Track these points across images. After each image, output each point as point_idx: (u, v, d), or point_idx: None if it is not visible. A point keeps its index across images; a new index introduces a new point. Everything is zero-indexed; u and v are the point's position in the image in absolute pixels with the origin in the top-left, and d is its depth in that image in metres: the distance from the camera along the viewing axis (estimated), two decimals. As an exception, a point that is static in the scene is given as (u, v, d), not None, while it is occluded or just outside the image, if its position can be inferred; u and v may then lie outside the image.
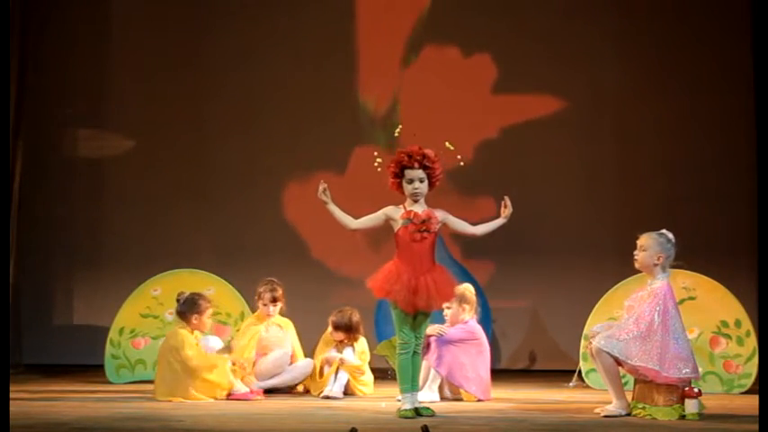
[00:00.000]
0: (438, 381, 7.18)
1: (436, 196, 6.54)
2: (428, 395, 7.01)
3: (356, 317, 7.57)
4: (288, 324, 7.76)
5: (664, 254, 6.35)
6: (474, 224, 6.54)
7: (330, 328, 7.58)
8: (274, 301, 7.64)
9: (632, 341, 6.22)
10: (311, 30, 9.69)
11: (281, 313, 7.72)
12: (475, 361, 7.21)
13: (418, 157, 6.37)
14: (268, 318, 7.68)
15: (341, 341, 7.55)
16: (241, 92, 9.70)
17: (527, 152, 9.57)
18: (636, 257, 6.40)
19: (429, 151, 6.39)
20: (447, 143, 6.47)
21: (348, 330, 7.54)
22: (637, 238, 6.42)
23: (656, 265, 6.35)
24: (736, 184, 9.19)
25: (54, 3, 9.71)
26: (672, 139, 9.45)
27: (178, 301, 7.34)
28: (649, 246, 6.36)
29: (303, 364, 7.60)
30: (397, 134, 6.50)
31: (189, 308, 7.26)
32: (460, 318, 7.27)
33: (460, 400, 7.16)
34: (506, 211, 6.48)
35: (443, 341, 7.16)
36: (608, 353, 6.25)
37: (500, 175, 9.18)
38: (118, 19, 9.79)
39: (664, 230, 6.45)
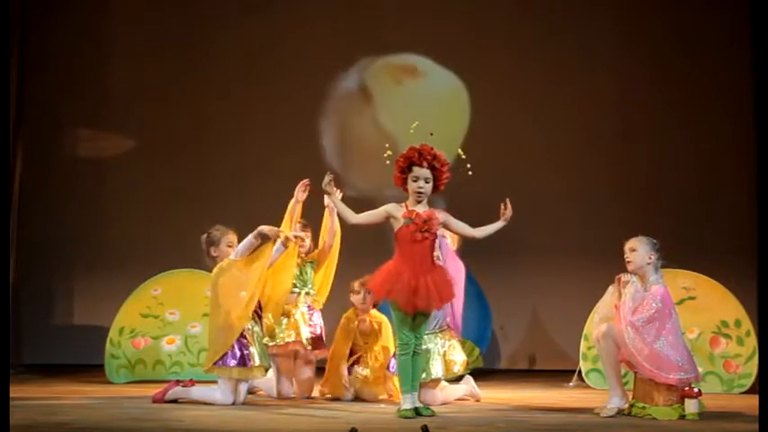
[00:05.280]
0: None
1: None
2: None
3: None
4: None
5: (653, 253, 6.38)
6: (473, 227, 6.54)
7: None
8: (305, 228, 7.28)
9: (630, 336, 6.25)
10: (313, 30, 9.69)
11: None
12: None
13: (428, 157, 6.36)
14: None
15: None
16: (242, 92, 9.70)
17: (527, 152, 9.57)
18: (628, 260, 6.41)
19: (440, 153, 6.39)
20: (459, 150, 6.47)
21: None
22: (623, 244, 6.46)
23: (648, 263, 6.37)
24: (735, 185, 9.20)
25: (54, 3, 9.71)
26: (671, 139, 9.45)
27: (201, 244, 7.04)
28: (639, 246, 6.40)
29: None
30: (412, 130, 6.48)
31: (205, 244, 7.00)
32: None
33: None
34: (507, 213, 6.47)
35: None
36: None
37: (500, 176, 9.18)
38: (118, 19, 9.79)
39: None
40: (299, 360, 7.26)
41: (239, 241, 6.94)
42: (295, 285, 7.25)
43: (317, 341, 7.23)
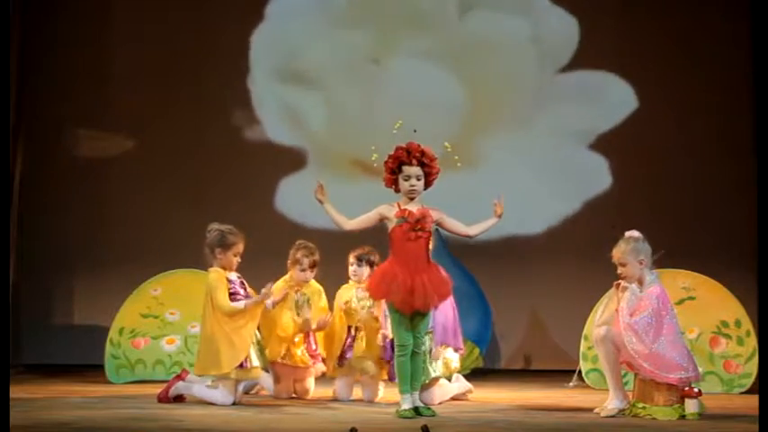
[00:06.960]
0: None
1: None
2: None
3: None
4: (316, 291, 7.28)
5: (642, 256, 6.35)
6: (468, 224, 6.53)
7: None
8: (313, 266, 7.24)
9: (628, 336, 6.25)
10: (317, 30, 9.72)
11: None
12: None
13: (417, 154, 6.34)
14: (305, 284, 7.27)
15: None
16: (242, 91, 9.70)
17: (526, 152, 9.57)
18: (622, 274, 6.38)
19: (428, 149, 6.38)
20: (445, 144, 6.46)
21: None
22: (611, 257, 6.42)
23: (641, 266, 6.35)
24: (736, 185, 9.18)
25: (55, 3, 9.70)
26: (671, 139, 9.44)
27: (208, 232, 6.97)
28: (627, 259, 6.35)
29: None
30: (395, 130, 6.47)
31: (213, 241, 6.92)
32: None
33: None
34: (499, 209, 6.44)
35: None
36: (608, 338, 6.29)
37: (498, 175, 9.18)
38: (118, 19, 9.78)
39: (626, 234, 6.44)
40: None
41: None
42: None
43: (314, 356, 7.23)
